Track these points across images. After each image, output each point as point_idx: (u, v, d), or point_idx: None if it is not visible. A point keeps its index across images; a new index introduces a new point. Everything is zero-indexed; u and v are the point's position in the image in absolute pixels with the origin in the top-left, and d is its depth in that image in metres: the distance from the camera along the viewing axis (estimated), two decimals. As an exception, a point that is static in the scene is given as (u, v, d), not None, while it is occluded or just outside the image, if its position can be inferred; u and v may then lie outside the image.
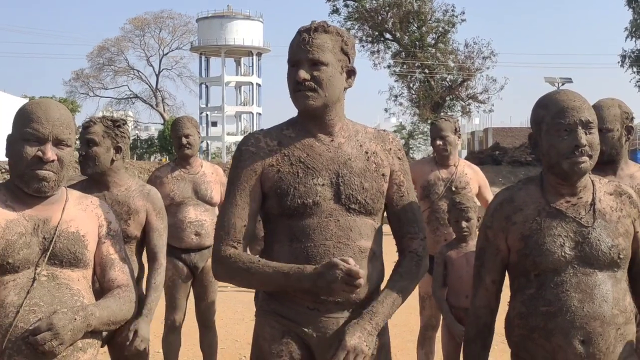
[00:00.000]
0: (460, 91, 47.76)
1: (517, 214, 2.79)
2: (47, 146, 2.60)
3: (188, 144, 5.88)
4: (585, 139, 2.67)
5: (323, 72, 2.77)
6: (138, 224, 4.12)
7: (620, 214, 2.79)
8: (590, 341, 2.65)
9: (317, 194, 2.76)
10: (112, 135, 4.06)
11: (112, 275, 2.81)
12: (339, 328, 2.72)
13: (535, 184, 2.85)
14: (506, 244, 2.81)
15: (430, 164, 5.86)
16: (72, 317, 2.50)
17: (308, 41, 2.77)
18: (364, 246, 2.80)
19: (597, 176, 2.89)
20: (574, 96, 2.75)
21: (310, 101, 2.77)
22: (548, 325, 2.68)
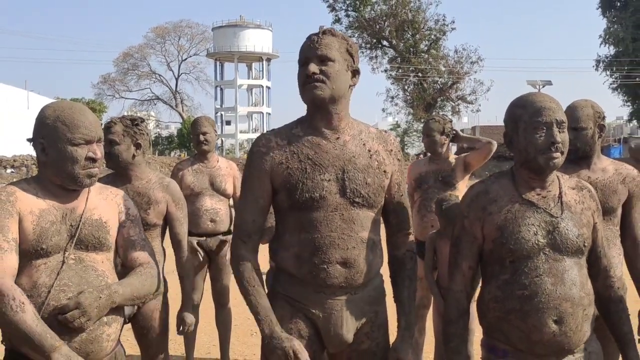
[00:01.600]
0: (450, 93, 47.82)
1: (492, 204, 2.77)
2: (95, 146, 2.66)
3: (205, 140, 5.95)
4: (560, 136, 2.68)
5: (330, 66, 2.77)
6: (158, 213, 4.11)
7: (582, 206, 2.80)
8: (562, 321, 2.65)
9: (323, 188, 2.75)
10: (132, 133, 4.07)
11: (134, 255, 2.82)
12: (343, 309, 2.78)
13: (507, 178, 2.83)
14: (482, 232, 2.78)
15: (424, 161, 5.97)
16: (97, 296, 2.52)
17: (317, 41, 2.78)
18: (366, 237, 2.81)
19: (559, 172, 2.88)
20: (548, 98, 2.77)
21: (319, 91, 2.75)
22: (524, 307, 2.67)
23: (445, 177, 5.67)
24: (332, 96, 2.78)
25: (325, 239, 2.74)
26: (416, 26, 47.32)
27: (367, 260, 2.80)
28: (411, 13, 47.06)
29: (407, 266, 2.99)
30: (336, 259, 2.74)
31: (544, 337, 2.65)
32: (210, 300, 6.25)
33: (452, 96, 48.12)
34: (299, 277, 2.78)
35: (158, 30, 69.96)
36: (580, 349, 2.72)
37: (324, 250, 2.73)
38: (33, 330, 2.40)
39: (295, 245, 2.77)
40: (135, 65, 69.97)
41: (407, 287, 2.96)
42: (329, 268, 2.73)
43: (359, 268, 2.77)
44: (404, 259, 2.99)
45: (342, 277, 2.75)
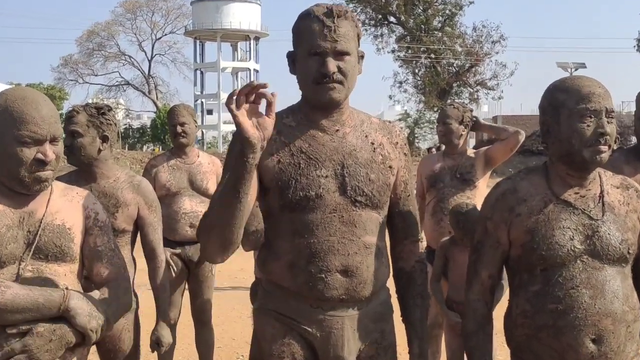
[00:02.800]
0: (468, 77, 47.88)
1: (521, 205, 2.77)
2: (46, 146, 2.59)
3: (184, 132, 5.92)
4: (609, 127, 2.67)
5: (348, 62, 2.74)
6: (127, 217, 4.09)
7: (627, 208, 2.79)
8: (602, 339, 2.64)
9: (320, 186, 2.74)
10: (97, 123, 4.02)
11: (101, 268, 2.78)
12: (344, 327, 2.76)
13: (539, 175, 2.83)
14: (508, 237, 2.79)
15: (437, 156, 5.99)
16: (48, 338, 2.47)
17: (333, 29, 2.71)
18: (370, 242, 2.79)
19: (602, 169, 2.88)
20: (597, 82, 2.74)
21: (336, 94, 2.73)
22: (557, 323, 2.67)
23: (464, 174, 5.65)
24: (347, 96, 2.80)
25: (323, 244, 2.72)
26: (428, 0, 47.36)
27: (371, 269, 2.78)
28: (422, -16, 47.13)
29: (417, 281, 2.98)
30: (336, 266, 2.72)
31: (580, 358, 2.66)
32: (189, 318, 6.25)
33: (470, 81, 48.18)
34: (292, 290, 2.76)
35: (128, 5, 69.91)
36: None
37: (322, 257, 2.71)
38: (33, 295, 2.44)
39: (289, 252, 2.75)
40: (101, 45, 69.88)
41: (419, 307, 2.96)
42: (327, 278, 2.72)
43: (361, 278, 2.76)
44: (412, 272, 2.98)
45: (343, 288, 2.73)
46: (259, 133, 2.41)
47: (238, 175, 2.44)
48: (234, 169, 2.45)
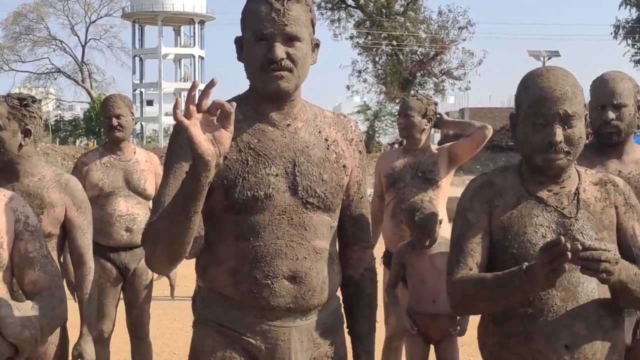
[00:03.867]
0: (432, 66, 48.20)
1: (498, 198, 2.83)
2: None
3: (119, 125, 5.89)
4: (562, 134, 2.70)
5: (299, 49, 2.74)
6: (53, 219, 4.06)
7: (604, 204, 2.84)
8: (575, 346, 2.68)
9: (269, 185, 2.73)
10: (19, 116, 3.96)
11: (33, 276, 2.77)
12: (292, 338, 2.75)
13: (514, 172, 2.88)
14: (490, 227, 2.82)
15: (397, 153, 6.03)
16: None
17: (282, 12, 2.71)
18: (320, 246, 2.80)
19: (583, 167, 2.94)
20: (558, 81, 2.77)
21: (284, 83, 2.73)
22: (527, 328, 2.71)
23: (426, 172, 5.68)
24: (297, 85, 2.79)
25: (270, 247, 2.72)
26: (389, -18, 47.59)
27: (321, 275, 2.78)
28: (383, -36, 47.33)
29: (366, 291, 2.98)
30: (283, 272, 2.72)
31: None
32: (125, 331, 6.22)
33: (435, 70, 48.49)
34: (235, 298, 2.76)
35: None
36: None
37: (268, 262, 2.71)
38: None
39: (232, 257, 2.74)
40: (29, 28, 69.07)
41: (367, 318, 2.97)
42: (274, 284, 2.72)
43: (310, 285, 2.76)
44: (361, 281, 2.98)
45: (290, 296, 2.74)
46: (214, 149, 2.36)
47: (189, 195, 2.41)
48: (185, 187, 2.42)
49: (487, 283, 2.70)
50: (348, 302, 2.99)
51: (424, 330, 5.09)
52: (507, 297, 2.67)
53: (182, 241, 2.52)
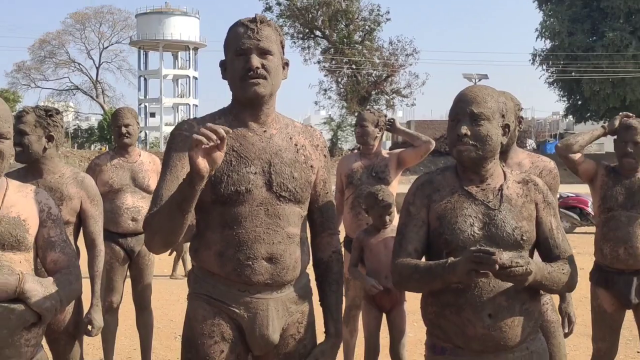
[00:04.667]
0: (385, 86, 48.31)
1: (436, 193, 2.83)
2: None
3: (127, 133, 5.88)
4: (468, 129, 2.72)
5: (271, 61, 2.76)
6: (71, 209, 4.05)
7: (525, 199, 2.83)
8: (497, 315, 2.68)
9: (249, 181, 2.73)
10: (44, 124, 3.99)
11: (54, 256, 2.73)
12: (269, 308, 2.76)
13: (451, 171, 2.89)
14: (428, 219, 2.82)
15: (354, 157, 6.02)
16: (6, 317, 2.45)
17: (256, 31, 2.74)
18: (292, 232, 2.80)
19: (510, 169, 2.95)
20: (474, 90, 2.82)
21: (261, 89, 2.74)
22: (458, 301, 2.71)
23: (378, 172, 5.72)
24: (271, 93, 2.79)
25: (250, 234, 2.72)
26: (350, 16, 47.60)
27: (293, 256, 2.79)
28: (345, 2, 47.28)
29: (333, 269, 2.98)
30: (261, 254, 2.72)
31: (478, 331, 2.69)
32: (130, 303, 6.19)
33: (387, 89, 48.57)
34: (222, 275, 2.75)
35: (77, 16, 68.72)
36: (521, 347, 2.75)
37: (249, 246, 2.71)
38: None
39: (218, 242, 2.74)
40: (52, 52, 68.52)
41: (334, 292, 2.96)
42: (254, 264, 2.72)
43: (284, 264, 2.76)
44: (329, 262, 2.98)
45: (268, 273, 2.74)
46: (208, 167, 2.38)
47: (184, 197, 2.45)
48: (182, 191, 2.45)
49: (419, 269, 2.73)
50: (319, 280, 2.98)
51: (378, 301, 5.10)
52: (432, 282, 2.70)
53: (176, 231, 2.55)
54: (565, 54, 43.84)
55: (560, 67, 44.85)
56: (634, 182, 4.40)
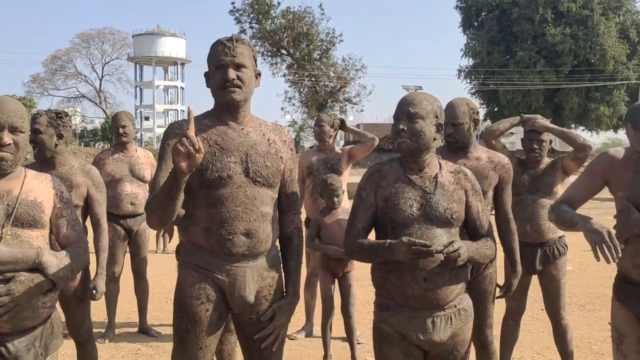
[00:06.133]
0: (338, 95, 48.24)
1: (383, 180, 2.84)
2: (3, 132, 2.51)
3: (124, 132, 5.91)
4: (405, 126, 2.76)
5: (245, 73, 2.76)
6: (79, 195, 4.01)
7: (456, 186, 2.85)
8: (430, 279, 2.71)
9: (230, 169, 2.73)
10: (55, 124, 3.98)
11: (65, 233, 2.70)
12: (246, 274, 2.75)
13: (397, 162, 2.90)
14: (375, 202, 2.83)
15: (313, 152, 6.04)
16: (27, 285, 2.43)
17: (232, 49, 2.74)
18: (265, 211, 2.80)
19: (445, 161, 2.96)
20: (413, 95, 2.85)
21: (236, 96, 2.75)
22: (400, 267, 2.72)
23: (333, 165, 5.77)
24: (245, 99, 2.79)
25: (231, 212, 2.71)
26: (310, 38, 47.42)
27: (266, 231, 2.79)
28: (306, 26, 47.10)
29: (294, 242, 2.98)
30: (240, 230, 2.72)
31: (415, 292, 2.71)
32: (130, 273, 6.14)
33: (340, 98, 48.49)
34: (207, 248, 2.74)
35: (83, 36, 67.53)
36: (450, 305, 2.78)
37: (230, 223, 2.71)
38: (13, 252, 2.42)
39: (204, 220, 2.73)
40: (62, 66, 67.21)
41: (294, 260, 2.96)
42: (234, 238, 2.71)
43: (259, 238, 2.76)
44: (292, 235, 2.98)
45: (245, 246, 2.73)
46: (188, 165, 2.41)
47: (172, 187, 2.48)
48: (170, 183, 2.49)
49: (364, 246, 2.78)
50: (283, 250, 2.99)
51: (333, 267, 5.12)
52: (375, 258, 2.76)
53: (169, 213, 2.56)
54: (485, 70, 44.23)
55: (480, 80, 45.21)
56: (537, 172, 4.46)
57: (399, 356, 2.77)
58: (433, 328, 2.75)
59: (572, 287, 7.39)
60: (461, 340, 2.82)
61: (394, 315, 2.78)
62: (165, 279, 8.60)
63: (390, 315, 2.79)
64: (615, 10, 43.17)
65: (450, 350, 2.80)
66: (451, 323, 2.78)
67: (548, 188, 4.42)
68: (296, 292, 2.93)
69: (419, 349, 2.79)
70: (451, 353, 2.81)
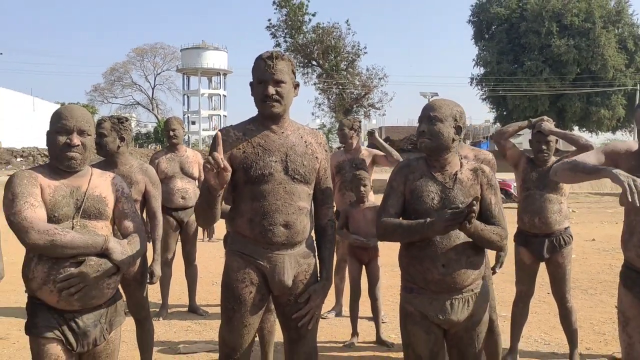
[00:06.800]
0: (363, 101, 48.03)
1: (411, 174, 2.84)
2: (73, 135, 2.56)
3: (175, 135, 6.01)
4: (426, 128, 2.78)
5: (283, 88, 2.75)
6: (138, 191, 4.05)
7: (473, 182, 2.83)
8: (448, 265, 2.69)
9: (271, 167, 2.74)
10: (117, 129, 4.02)
11: (126, 224, 2.74)
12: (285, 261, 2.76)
13: (423, 160, 2.89)
14: (404, 191, 2.82)
15: (340, 153, 6.02)
16: (96, 269, 2.48)
17: (272, 66, 2.73)
18: (302, 205, 2.80)
19: (467, 160, 2.95)
20: (435, 101, 2.86)
21: (276, 109, 2.75)
22: (420, 254, 2.72)
23: (358, 164, 5.74)
24: (284, 110, 2.79)
25: (272, 206, 2.72)
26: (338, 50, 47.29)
27: (302, 223, 2.79)
28: (334, 40, 46.97)
29: (328, 232, 2.97)
30: (280, 222, 2.73)
31: (434, 277, 2.70)
32: (180, 259, 6.20)
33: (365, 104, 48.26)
34: (251, 237, 2.76)
35: (138, 51, 68.29)
36: (468, 289, 2.76)
37: (271, 215, 2.71)
38: (84, 239, 2.46)
39: (249, 212, 2.74)
40: (120, 77, 68.10)
41: (327, 248, 2.96)
42: (274, 229, 2.72)
43: (296, 229, 2.77)
44: (326, 227, 2.97)
45: (284, 236, 2.74)
46: (219, 183, 2.48)
47: (208, 199, 2.58)
48: (206, 195, 2.57)
49: (402, 225, 2.72)
50: (317, 240, 2.99)
51: (358, 255, 5.13)
52: (412, 236, 2.71)
53: (210, 217, 2.65)
54: (495, 78, 43.65)
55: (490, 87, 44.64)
56: (545, 170, 4.41)
57: (421, 333, 2.76)
58: (451, 309, 2.74)
59: (575, 273, 7.28)
60: (477, 321, 2.80)
61: (417, 297, 2.77)
62: (211, 264, 8.66)
63: (414, 297, 2.78)
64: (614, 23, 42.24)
65: (467, 329, 2.79)
66: (468, 305, 2.76)
67: (554, 184, 4.37)
68: (329, 277, 2.93)
69: (439, 328, 2.77)
70: (468, 332, 2.79)
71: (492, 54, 43.71)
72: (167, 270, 5.99)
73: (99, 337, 2.60)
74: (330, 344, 5.15)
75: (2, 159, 34.38)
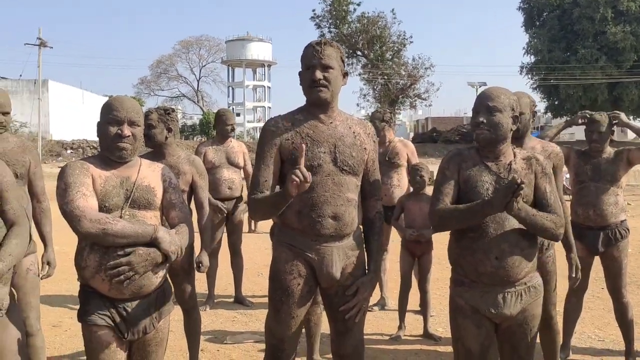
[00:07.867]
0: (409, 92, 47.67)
1: (463, 163, 2.79)
2: (124, 126, 2.60)
3: (232, 129, 6.11)
4: (485, 118, 2.70)
5: (331, 73, 2.74)
6: (185, 182, 4.08)
7: (527, 171, 2.77)
8: (502, 257, 2.64)
9: (320, 158, 2.73)
10: (165, 120, 4.05)
11: (174, 214, 2.76)
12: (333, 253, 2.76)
13: (475, 150, 2.84)
14: (459, 180, 2.77)
15: None
16: (144, 258, 2.52)
17: (320, 51, 2.73)
18: (350, 197, 2.79)
19: (520, 149, 2.88)
20: (491, 90, 2.78)
21: (323, 94, 2.74)
22: (473, 245, 2.68)
23: (391, 158, 5.69)
24: (332, 96, 2.77)
25: (321, 197, 2.71)
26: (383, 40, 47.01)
27: (350, 215, 2.77)
28: (379, 30, 46.70)
29: (376, 224, 2.94)
30: (328, 213, 2.72)
31: (487, 269, 2.66)
32: (226, 249, 6.27)
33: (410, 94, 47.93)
34: (299, 229, 2.76)
35: (183, 43, 69.09)
36: (521, 282, 2.71)
37: (320, 207, 2.71)
38: (134, 228, 2.50)
39: (297, 203, 2.72)
40: (166, 70, 69.02)
41: (376, 241, 2.93)
42: (323, 221, 2.72)
43: (345, 221, 2.75)
44: (374, 219, 2.95)
45: (333, 228, 2.73)
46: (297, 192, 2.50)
47: (279, 203, 2.62)
48: (278, 200, 2.61)
49: (459, 208, 2.66)
50: (366, 232, 2.96)
51: (412, 248, 5.10)
52: (471, 218, 2.64)
53: (271, 215, 2.71)
54: (546, 66, 42.61)
55: (542, 76, 43.63)
56: (600, 161, 4.32)
57: (472, 327, 2.72)
58: (504, 303, 2.69)
59: (631, 268, 7.06)
60: (531, 315, 2.75)
61: (468, 290, 2.73)
62: (256, 255, 8.74)
63: (465, 290, 2.75)
64: (673, 8, 40.69)
65: (520, 323, 2.74)
66: (521, 299, 2.71)
67: (611, 176, 4.27)
68: (377, 270, 2.91)
69: (491, 322, 2.73)
70: (521, 326, 2.74)
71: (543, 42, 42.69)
72: (213, 260, 6.04)
73: (149, 325, 2.64)
74: (377, 337, 5.14)
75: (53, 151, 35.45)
